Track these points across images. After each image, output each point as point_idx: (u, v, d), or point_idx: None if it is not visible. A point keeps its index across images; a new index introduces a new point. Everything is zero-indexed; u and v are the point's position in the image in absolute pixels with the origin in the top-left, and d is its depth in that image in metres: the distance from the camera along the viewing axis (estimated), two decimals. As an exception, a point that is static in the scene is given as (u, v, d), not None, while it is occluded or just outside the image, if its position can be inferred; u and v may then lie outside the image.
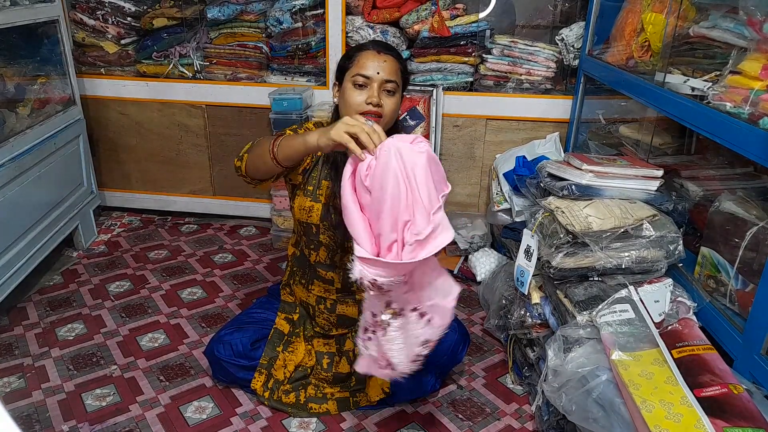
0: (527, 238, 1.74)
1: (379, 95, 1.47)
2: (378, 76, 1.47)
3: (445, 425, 1.73)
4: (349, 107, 1.49)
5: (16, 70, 2.45)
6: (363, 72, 1.48)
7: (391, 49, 1.55)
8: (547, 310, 1.69)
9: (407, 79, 1.59)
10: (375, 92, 1.47)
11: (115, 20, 2.77)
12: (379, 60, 1.49)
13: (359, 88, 1.48)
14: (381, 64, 1.48)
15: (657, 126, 2.00)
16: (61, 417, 1.73)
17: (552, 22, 2.73)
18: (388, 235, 1.18)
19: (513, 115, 2.61)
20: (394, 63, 1.52)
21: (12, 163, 2.14)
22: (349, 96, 1.49)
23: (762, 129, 1.24)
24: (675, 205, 1.67)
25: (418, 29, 2.58)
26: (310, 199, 1.61)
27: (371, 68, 1.48)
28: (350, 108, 1.49)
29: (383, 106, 1.48)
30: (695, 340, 1.33)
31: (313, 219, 1.62)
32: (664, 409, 1.17)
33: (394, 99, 1.51)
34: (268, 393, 1.74)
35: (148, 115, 2.90)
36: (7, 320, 2.18)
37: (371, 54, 1.50)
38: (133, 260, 2.64)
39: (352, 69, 1.50)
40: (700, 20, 1.60)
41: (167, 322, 2.20)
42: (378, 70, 1.48)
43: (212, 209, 3.01)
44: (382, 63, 1.49)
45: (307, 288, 1.75)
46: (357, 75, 1.48)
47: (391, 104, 1.50)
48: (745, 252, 1.40)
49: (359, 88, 1.48)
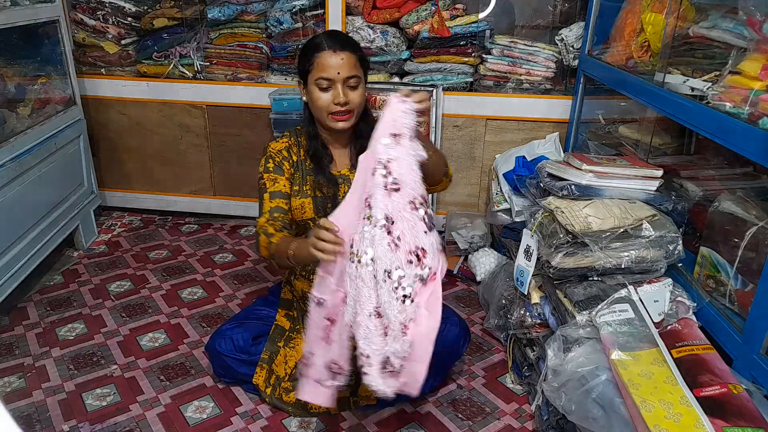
0: (527, 238, 1.75)
1: (344, 93, 1.54)
2: (339, 76, 1.53)
3: (445, 425, 1.73)
4: (319, 109, 1.58)
5: (17, 70, 2.45)
6: (324, 75, 1.54)
7: (346, 41, 1.60)
8: (546, 310, 1.69)
9: (367, 64, 1.64)
10: (340, 92, 1.54)
11: (115, 20, 2.77)
12: (336, 59, 1.53)
13: (324, 90, 1.56)
14: (339, 62, 1.53)
15: (656, 126, 2.01)
16: (62, 417, 1.73)
17: (552, 23, 2.73)
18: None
19: (513, 116, 2.61)
20: (352, 57, 1.56)
21: (12, 163, 2.14)
22: (317, 99, 1.57)
23: (761, 129, 1.24)
24: (674, 205, 1.67)
25: (418, 29, 2.58)
26: (300, 197, 1.68)
27: (331, 69, 1.53)
28: (320, 110, 1.57)
29: (350, 102, 1.56)
30: (695, 339, 1.33)
31: (307, 215, 1.68)
32: (664, 409, 1.17)
33: (358, 91, 1.58)
34: (270, 389, 1.75)
35: (149, 115, 2.90)
36: (7, 320, 2.18)
37: (328, 54, 1.54)
38: (134, 260, 2.64)
39: (313, 72, 1.56)
40: (699, 20, 1.60)
41: (167, 321, 2.20)
42: (338, 70, 1.53)
43: (213, 209, 3.02)
44: (341, 61, 1.53)
45: (308, 279, 1.76)
46: (319, 79, 1.54)
47: (357, 96, 1.58)
48: (745, 252, 1.40)
49: (324, 90, 1.56)
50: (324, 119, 1.59)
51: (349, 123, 1.60)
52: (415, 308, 1.24)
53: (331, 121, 1.58)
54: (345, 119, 1.58)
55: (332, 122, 1.59)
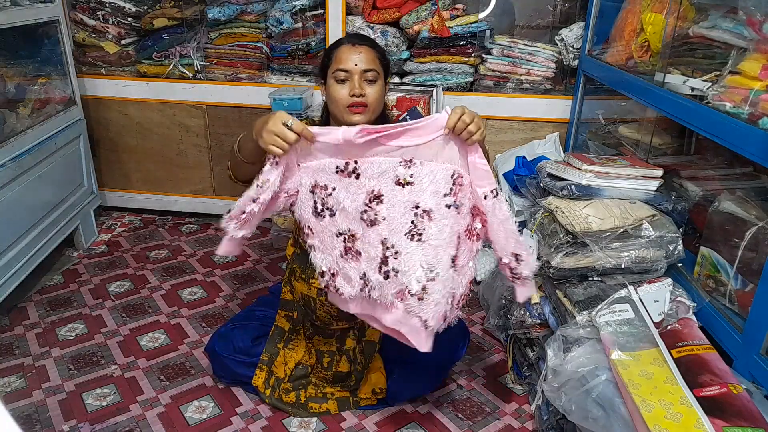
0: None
1: (361, 85, 1.52)
2: (356, 68, 1.52)
3: (445, 425, 1.73)
4: (336, 102, 1.54)
5: (17, 70, 2.45)
6: (341, 66, 1.52)
7: (366, 39, 1.60)
8: (546, 310, 1.69)
9: (387, 65, 1.63)
10: (356, 83, 1.52)
11: (115, 20, 2.77)
12: (354, 52, 1.53)
13: (341, 83, 1.53)
14: (357, 56, 1.52)
15: (656, 126, 2.01)
16: (62, 417, 1.73)
17: (552, 23, 2.73)
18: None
19: (513, 116, 2.61)
20: (370, 52, 1.55)
21: (12, 163, 2.14)
22: (334, 91, 1.54)
23: (761, 129, 1.24)
24: (674, 205, 1.67)
25: (418, 30, 2.58)
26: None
27: (349, 61, 1.52)
28: (337, 103, 1.54)
29: (366, 95, 1.53)
30: (695, 339, 1.33)
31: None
32: (664, 409, 1.17)
33: (376, 87, 1.55)
34: (269, 390, 1.75)
35: (149, 115, 2.90)
36: (7, 320, 2.18)
37: (347, 48, 1.54)
38: (134, 260, 2.64)
39: (332, 66, 1.55)
40: (699, 20, 1.60)
41: (167, 321, 2.20)
42: (355, 62, 1.52)
43: (213, 209, 3.02)
44: (358, 54, 1.53)
45: (307, 282, 1.76)
46: (337, 70, 1.53)
47: (375, 92, 1.55)
48: (745, 252, 1.40)
49: (341, 82, 1.53)
50: (341, 113, 1.55)
51: (366, 117, 1.54)
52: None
53: (348, 114, 1.53)
54: (361, 112, 1.53)
55: (349, 115, 1.53)
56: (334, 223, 1.42)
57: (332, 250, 1.44)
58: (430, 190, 1.37)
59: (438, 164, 1.37)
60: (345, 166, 1.38)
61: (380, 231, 1.38)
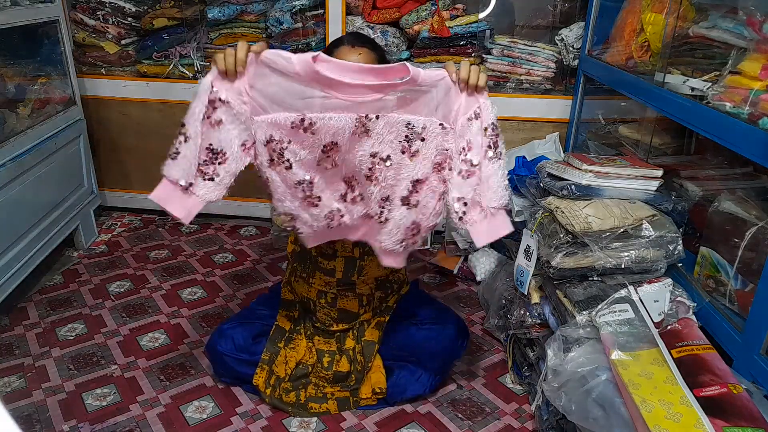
0: (527, 238, 1.75)
1: None
2: None
3: (445, 425, 1.73)
4: None
5: (17, 71, 2.45)
6: None
7: (366, 40, 1.59)
8: (546, 310, 1.69)
9: None
10: None
11: (115, 20, 2.77)
12: (354, 54, 1.53)
13: None
14: (356, 57, 1.52)
15: (656, 126, 2.01)
16: (62, 417, 1.73)
17: (552, 23, 2.73)
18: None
19: (513, 115, 2.61)
20: (369, 54, 1.55)
21: (12, 163, 2.14)
22: None
23: (761, 129, 1.24)
24: (674, 205, 1.67)
25: (418, 30, 2.58)
26: None
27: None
28: None
29: None
30: (695, 339, 1.33)
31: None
32: (664, 409, 1.17)
33: None
34: (270, 390, 1.75)
35: (149, 115, 2.90)
36: (7, 320, 2.18)
37: (346, 49, 1.54)
38: (134, 260, 2.64)
39: None
40: (699, 20, 1.60)
41: (167, 321, 2.20)
42: (354, 62, 1.50)
43: (212, 209, 3.01)
44: (357, 56, 1.52)
45: (308, 282, 1.76)
46: None
47: None
48: (745, 252, 1.40)
49: None
50: None
51: None
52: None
53: None
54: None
55: None
56: (293, 173, 1.40)
57: (293, 199, 1.44)
58: (387, 140, 1.39)
59: (397, 115, 1.37)
60: (300, 121, 1.34)
61: (339, 172, 1.42)
